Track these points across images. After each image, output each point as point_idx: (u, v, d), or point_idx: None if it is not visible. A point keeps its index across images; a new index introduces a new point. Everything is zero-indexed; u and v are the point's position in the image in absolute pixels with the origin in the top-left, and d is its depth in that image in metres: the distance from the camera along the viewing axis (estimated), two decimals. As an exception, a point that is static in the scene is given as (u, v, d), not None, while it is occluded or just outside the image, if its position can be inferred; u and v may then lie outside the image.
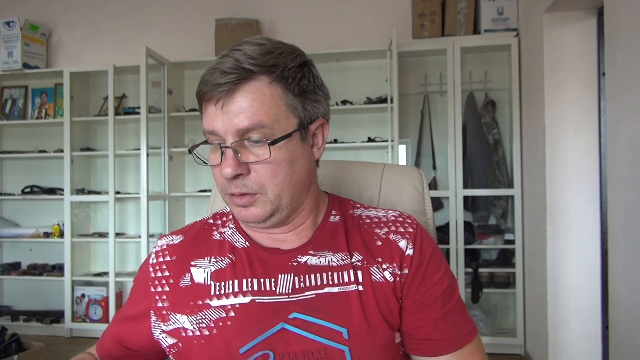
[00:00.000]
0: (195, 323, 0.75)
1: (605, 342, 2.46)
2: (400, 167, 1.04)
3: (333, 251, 0.78)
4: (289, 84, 0.72)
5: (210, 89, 0.70)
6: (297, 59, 0.74)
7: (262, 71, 0.70)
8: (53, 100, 3.88)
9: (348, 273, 0.76)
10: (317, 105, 0.76)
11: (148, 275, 0.81)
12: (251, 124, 0.69)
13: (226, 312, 0.75)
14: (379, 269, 0.77)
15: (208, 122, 0.72)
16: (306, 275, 0.76)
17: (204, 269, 0.79)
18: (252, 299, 0.75)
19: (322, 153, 0.80)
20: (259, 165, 0.71)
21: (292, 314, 0.73)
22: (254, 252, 0.79)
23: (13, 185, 3.96)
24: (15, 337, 2.61)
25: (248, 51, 0.70)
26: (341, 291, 0.75)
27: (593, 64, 2.51)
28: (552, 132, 2.59)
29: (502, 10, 3.20)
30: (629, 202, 1.67)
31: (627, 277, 1.69)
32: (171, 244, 0.84)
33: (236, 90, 0.69)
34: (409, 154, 3.54)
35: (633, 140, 1.64)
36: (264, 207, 0.73)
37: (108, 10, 3.94)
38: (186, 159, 3.82)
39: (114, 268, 3.49)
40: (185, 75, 3.81)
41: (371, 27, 3.56)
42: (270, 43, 0.73)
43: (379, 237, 0.80)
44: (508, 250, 3.29)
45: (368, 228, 0.81)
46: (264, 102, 0.70)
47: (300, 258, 0.78)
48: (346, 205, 0.86)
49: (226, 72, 0.69)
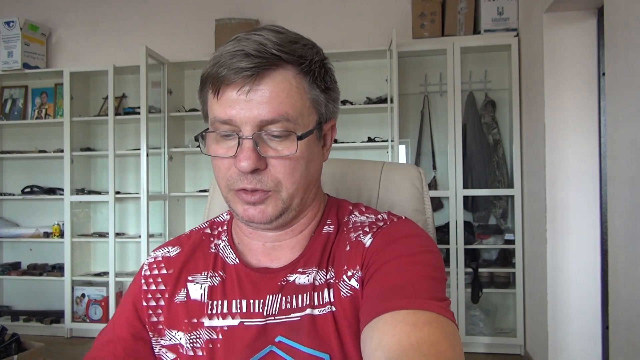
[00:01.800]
0: (190, 342, 0.71)
1: (605, 342, 2.45)
2: (400, 165, 1.04)
3: (319, 267, 0.71)
4: (315, 77, 0.67)
5: (232, 73, 0.62)
6: (319, 54, 0.69)
7: (290, 60, 0.64)
8: (53, 100, 3.88)
9: (325, 293, 0.69)
10: (335, 104, 0.73)
11: (140, 289, 0.76)
12: (276, 116, 0.63)
13: (216, 333, 0.70)
14: (345, 281, 0.69)
15: (223, 109, 0.64)
16: (293, 296, 0.70)
17: (200, 284, 0.74)
18: (240, 322, 0.70)
19: (328, 155, 0.76)
20: (277, 161, 0.65)
21: (277, 337, 0.68)
22: (243, 271, 0.73)
23: (13, 185, 3.96)
24: (15, 337, 2.61)
25: (271, 37, 0.64)
26: (320, 314, 0.68)
27: (593, 64, 2.51)
28: (552, 132, 2.59)
29: (502, 10, 3.20)
30: (629, 202, 1.67)
31: (627, 277, 1.69)
32: (167, 256, 0.78)
33: (263, 76, 0.63)
34: (409, 154, 3.53)
35: (633, 140, 1.64)
36: (275, 206, 0.67)
37: (108, 10, 3.94)
38: (186, 159, 3.82)
39: (114, 268, 3.49)
40: (185, 75, 3.81)
41: (371, 27, 3.55)
42: (289, 32, 0.67)
43: (349, 241, 0.72)
44: (508, 250, 3.28)
45: (346, 234, 0.74)
46: (291, 93, 0.64)
47: (289, 277, 0.72)
48: (344, 211, 0.78)
49: (252, 55, 0.62)
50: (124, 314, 0.77)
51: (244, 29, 3.44)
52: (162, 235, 3.54)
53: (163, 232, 3.54)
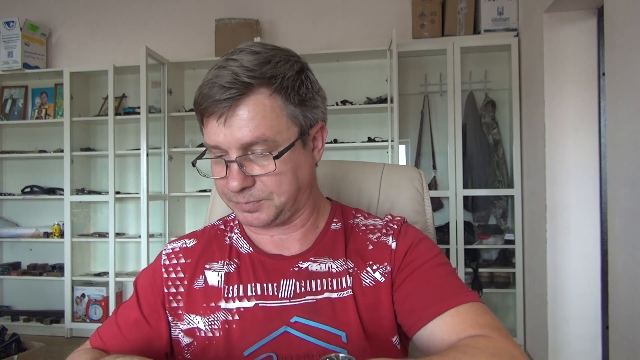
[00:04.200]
0: (208, 324, 0.77)
1: (605, 342, 2.45)
2: (400, 167, 1.04)
3: (333, 258, 0.80)
4: (289, 94, 0.71)
5: (211, 105, 0.69)
6: (294, 67, 0.73)
7: (261, 83, 0.69)
8: (53, 100, 3.88)
9: (345, 279, 0.78)
10: (316, 110, 0.76)
11: (161, 276, 0.82)
12: (254, 138, 0.69)
13: (232, 315, 0.77)
14: (369, 272, 0.79)
15: (210, 136, 0.72)
16: (307, 281, 0.78)
17: (217, 272, 0.81)
18: (255, 303, 0.77)
19: (322, 155, 0.81)
20: (264, 177, 0.72)
21: (293, 318, 0.75)
22: (257, 258, 0.81)
23: (13, 185, 3.96)
24: (15, 337, 2.61)
25: (245, 62, 0.70)
26: (339, 297, 0.77)
27: (593, 64, 2.51)
28: (552, 132, 2.59)
29: (502, 10, 3.20)
30: (629, 202, 1.67)
31: (627, 277, 1.69)
32: (185, 247, 0.85)
33: (237, 105, 0.69)
34: (409, 154, 3.54)
35: (633, 140, 1.64)
36: (268, 212, 0.75)
37: (108, 10, 3.94)
38: (186, 159, 3.82)
39: (114, 268, 3.49)
40: (185, 75, 3.81)
41: (371, 27, 3.55)
42: (265, 50, 0.72)
43: (371, 241, 0.82)
44: (508, 250, 3.29)
45: (362, 235, 0.83)
46: (265, 114, 0.70)
47: (301, 264, 0.80)
48: (348, 214, 0.87)
49: (225, 87, 0.68)
50: (146, 300, 0.82)
51: (244, 29, 3.39)
52: (162, 235, 3.54)
53: (163, 232, 3.54)
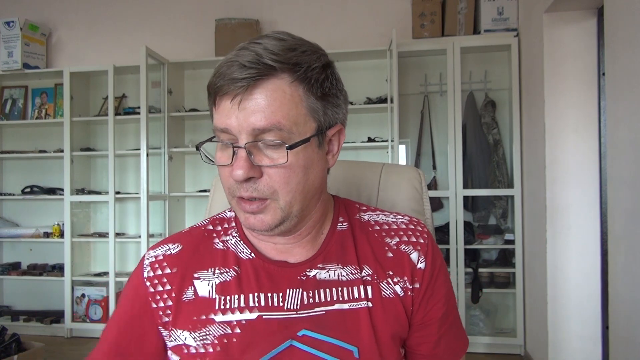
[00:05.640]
0: (199, 339, 0.70)
1: (605, 342, 2.45)
2: (399, 166, 1.04)
3: (342, 264, 0.74)
4: (312, 85, 0.67)
5: (227, 83, 0.64)
6: (320, 59, 0.69)
7: (284, 68, 0.65)
8: (53, 100, 3.88)
9: (358, 288, 0.73)
10: (337, 110, 0.71)
11: (146, 292, 0.74)
12: (268, 124, 0.64)
13: (231, 328, 0.70)
14: (390, 284, 0.74)
15: (221, 118, 0.66)
16: (315, 291, 0.72)
17: (208, 281, 0.73)
18: (258, 315, 0.71)
19: (336, 160, 0.75)
20: (272, 170, 0.66)
21: (301, 331, 0.70)
22: (260, 265, 0.74)
23: (13, 185, 3.96)
24: (15, 337, 2.61)
25: (269, 46, 0.65)
26: (351, 308, 0.72)
27: (593, 64, 2.51)
28: (552, 132, 2.59)
29: (502, 10, 3.20)
30: (629, 202, 1.67)
31: (627, 277, 1.69)
32: (169, 254, 0.77)
33: (255, 86, 0.64)
34: (409, 154, 3.53)
35: (633, 140, 1.64)
36: (274, 214, 0.68)
37: (108, 10, 3.94)
38: (186, 159, 3.82)
39: (114, 268, 3.49)
40: (185, 75, 3.81)
41: (371, 27, 3.55)
42: (292, 39, 0.68)
43: (389, 247, 0.77)
44: (508, 250, 3.28)
45: (378, 237, 0.77)
46: (284, 102, 0.64)
47: (309, 272, 0.73)
48: (352, 209, 0.81)
49: (245, 66, 0.63)
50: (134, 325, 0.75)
51: (244, 29, 3.38)
52: (162, 235, 3.54)
53: (163, 232, 3.54)
